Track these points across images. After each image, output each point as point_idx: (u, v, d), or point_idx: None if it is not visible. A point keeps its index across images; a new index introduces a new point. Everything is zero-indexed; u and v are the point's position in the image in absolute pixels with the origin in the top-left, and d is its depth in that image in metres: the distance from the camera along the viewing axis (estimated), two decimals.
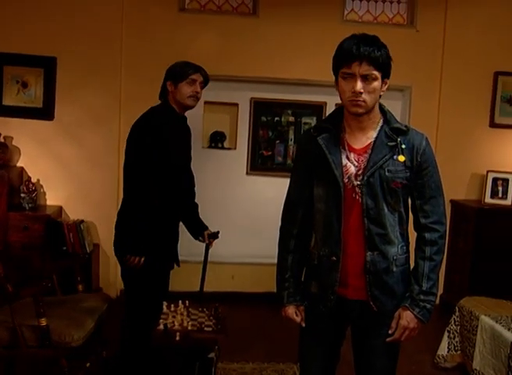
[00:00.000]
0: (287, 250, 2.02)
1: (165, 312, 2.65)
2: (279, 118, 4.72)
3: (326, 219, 1.91)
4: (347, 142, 1.91)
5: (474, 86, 4.61)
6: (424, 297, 1.90)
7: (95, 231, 4.44)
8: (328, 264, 1.92)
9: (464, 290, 4.24)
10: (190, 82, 2.78)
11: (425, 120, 4.58)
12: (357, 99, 1.80)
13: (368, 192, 1.85)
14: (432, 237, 1.91)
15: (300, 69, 4.40)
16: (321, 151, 1.89)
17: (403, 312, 1.91)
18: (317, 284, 1.97)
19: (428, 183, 1.91)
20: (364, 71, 1.78)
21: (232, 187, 4.72)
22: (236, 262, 4.62)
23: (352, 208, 1.87)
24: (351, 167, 1.88)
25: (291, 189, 2.04)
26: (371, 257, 1.88)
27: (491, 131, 4.67)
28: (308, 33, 4.40)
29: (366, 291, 1.90)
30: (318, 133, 1.93)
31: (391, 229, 1.88)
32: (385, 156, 1.85)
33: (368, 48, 1.77)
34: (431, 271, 1.90)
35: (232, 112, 4.71)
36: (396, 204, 1.88)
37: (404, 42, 4.51)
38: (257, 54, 4.44)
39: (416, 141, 1.90)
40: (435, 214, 1.92)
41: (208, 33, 4.42)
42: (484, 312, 3.16)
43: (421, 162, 1.88)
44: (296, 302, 2.01)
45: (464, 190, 4.69)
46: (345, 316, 1.98)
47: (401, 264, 1.92)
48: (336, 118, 1.95)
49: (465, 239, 4.43)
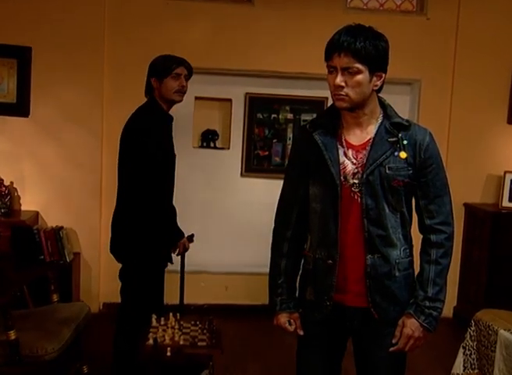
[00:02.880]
0: (280, 254, 2.06)
1: (155, 326, 2.68)
2: (277, 115, 4.76)
3: (322, 220, 1.96)
4: (345, 138, 1.96)
5: (490, 78, 4.66)
6: (430, 303, 1.93)
7: (76, 239, 4.47)
8: (324, 268, 1.96)
9: (480, 302, 4.29)
10: (174, 76, 2.94)
11: (436, 116, 4.64)
12: (339, 93, 1.86)
13: (368, 191, 1.90)
14: (438, 239, 1.96)
15: (299, 62, 4.45)
16: (317, 147, 1.94)
17: (408, 320, 1.94)
18: (312, 290, 2.01)
19: (433, 181, 1.95)
20: (344, 64, 1.83)
21: (226, 191, 4.76)
22: (230, 272, 4.66)
23: (350, 208, 1.92)
24: (349, 165, 1.93)
25: (285, 188, 2.09)
26: (371, 260, 1.92)
27: (509, 128, 4.72)
28: (308, 22, 4.45)
29: (366, 297, 1.94)
30: (314, 129, 1.98)
31: (393, 230, 1.93)
32: (385, 153, 1.90)
33: (348, 39, 1.82)
34: (437, 276, 1.94)
35: (226, 108, 4.75)
36: (397, 204, 1.93)
37: (413, 31, 4.57)
38: (253, 45, 4.49)
39: (419, 136, 1.94)
40: (441, 214, 1.96)
41: (198, 23, 4.47)
42: (503, 327, 3.18)
43: (424, 158, 1.93)
44: (289, 310, 2.05)
45: (479, 192, 4.74)
46: (344, 324, 2.01)
47: (404, 268, 1.96)
48: (334, 113, 2.00)
49: (480, 246, 4.48)
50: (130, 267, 2.93)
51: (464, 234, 4.70)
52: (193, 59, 4.40)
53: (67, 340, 2.79)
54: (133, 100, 4.37)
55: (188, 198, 4.65)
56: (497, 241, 4.35)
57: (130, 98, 4.38)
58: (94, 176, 4.43)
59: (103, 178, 4.46)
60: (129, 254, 2.92)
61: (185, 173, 4.65)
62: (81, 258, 4.48)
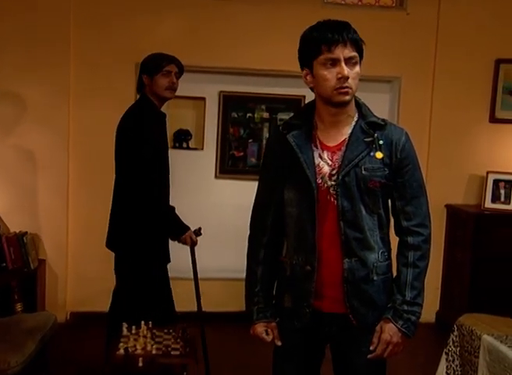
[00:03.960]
0: (256, 261, 2.07)
1: (126, 335, 2.68)
2: (252, 114, 4.78)
3: (299, 224, 1.98)
4: (319, 140, 1.99)
5: (472, 76, 4.73)
6: (408, 308, 1.97)
7: (41, 245, 4.43)
8: (303, 274, 1.98)
9: (463, 306, 4.36)
10: (165, 74, 3.14)
11: (417, 115, 4.70)
12: (345, 85, 1.88)
13: (344, 193, 1.92)
14: (416, 241, 1.99)
15: (275, 59, 4.47)
16: (292, 149, 1.96)
17: (386, 325, 1.97)
18: (290, 297, 2.03)
19: (409, 182, 1.99)
20: (349, 54, 1.87)
21: (199, 193, 4.76)
22: (205, 278, 4.61)
23: (327, 211, 1.95)
24: (325, 166, 1.96)
25: (259, 193, 2.11)
26: (348, 264, 1.94)
27: (491, 127, 4.80)
28: (285, 17, 4.48)
29: (344, 303, 1.96)
30: (287, 130, 2.00)
31: (370, 233, 1.96)
32: (361, 153, 1.93)
33: (346, 31, 1.88)
34: (415, 279, 1.98)
35: (199, 107, 4.76)
36: (374, 205, 1.96)
37: (393, 27, 4.63)
38: (227, 41, 4.50)
39: (395, 136, 1.98)
40: (418, 216, 2.00)
41: (169, 18, 4.47)
42: (486, 331, 3.22)
43: (400, 159, 1.97)
44: (266, 319, 2.06)
45: (462, 193, 4.81)
46: (322, 332, 2.03)
47: (382, 272, 1.99)
48: (307, 114, 2.03)
49: (463, 249, 4.55)
50: (126, 262, 3.13)
51: (446, 236, 4.77)
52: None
53: (32, 352, 2.77)
54: (102, 97, 4.42)
55: None
56: (480, 242, 4.42)
57: (100, 96, 4.44)
58: (59, 179, 4.40)
59: (70, 180, 4.43)
60: (126, 248, 3.14)
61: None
62: (47, 265, 4.44)
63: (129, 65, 4.40)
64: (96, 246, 4.49)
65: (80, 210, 4.49)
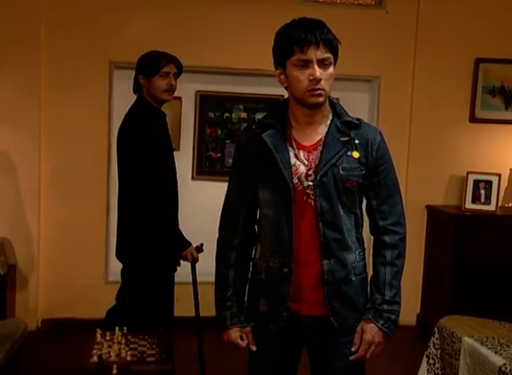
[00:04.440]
0: (227, 264, 2.07)
1: (100, 342, 2.66)
2: (230, 114, 4.78)
3: (275, 226, 1.98)
4: (295, 139, 2.00)
5: (452, 75, 4.79)
6: (388, 307, 1.99)
7: (11, 250, 4.37)
8: (279, 277, 1.98)
9: (444, 308, 4.40)
10: (163, 75, 3.05)
11: (396, 115, 4.74)
12: (317, 87, 1.89)
13: (322, 193, 1.94)
14: (392, 240, 2.02)
15: (253, 58, 4.47)
16: (267, 149, 1.96)
17: (367, 326, 1.99)
18: (266, 301, 2.03)
19: (385, 181, 2.02)
20: (321, 55, 1.88)
21: None
22: (181, 282, 4.60)
23: (304, 212, 1.96)
24: (301, 166, 1.97)
25: (230, 194, 2.10)
26: (328, 266, 1.96)
27: (471, 127, 4.86)
28: (262, 15, 4.48)
29: (325, 305, 1.97)
30: (261, 129, 2.00)
31: (348, 233, 1.98)
32: (338, 153, 1.95)
33: (321, 31, 1.88)
34: (393, 278, 2.01)
35: (175, 107, 4.73)
36: (352, 205, 1.98)
37: (372, 25, 4.66)
38: (204, 40, 4.50)
39: (370, 135, 2.01)
40: (394, 215, 2.04)
41: (143, 15, 4.45)
42: (467, 333, 3.26)
43: (376, 158, 1.99)
44: (240, 324, 2.05)
45: (442, 194, 4.86)
46: (299, 335, 2.04)
47: (359, 273, 2.02)
48: (280, 113, 2.04)
49: (443, 251, 4.59)
50: (133, 272, 3.10)
51: (427, 238, 4.81)
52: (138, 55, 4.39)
53: (1, 361, 2.74)
54: (75, 97, 4.39)
55: None
56: (460, 244, 4.46)
57: (72, 95, 4.41)
58: (30, 181, 4.36)
59: (41, 183, 4.39)
60: (132, 259, 3.09)
61: None
62: (17, 271, 4.39)
63: (103, 63, 4.39)
64: (69, 251, 4.48)
65: (53, 214, 4.44)
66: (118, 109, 4.53)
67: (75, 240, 4.47)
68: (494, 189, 4.65)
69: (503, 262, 4.47)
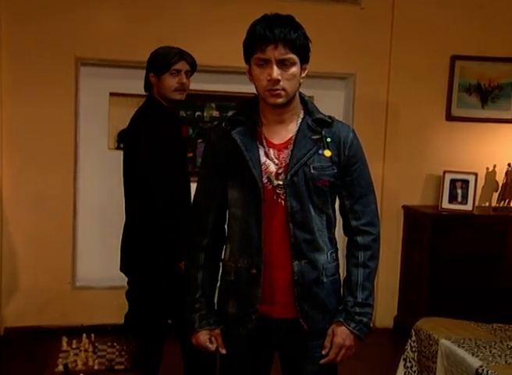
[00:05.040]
0: (196, 265, 2.07)
1: (66, 350, 2.63)
2: (201, 112, 4.77)
3: (244, 225, 1.99)
4: (265, 137, 2.00)
5: (428, 72, 4.83)
6: (360, 309, 2.00)
7: None
8: (248, 278, 1.99)
9: (422, 310, 4.43)
10: (174, 73, 2.91)
11: (372, 113, 4.77)
12: (275, 88, 1.89)
13: (292, 193, 1.94)
14: (365, 240, 2.04)
15: (225, 55, 4.44)
16: (236, 147, 1.96)
17: (338, 328, 2.00)
18: (235, 303, 2.04)
19: (358, 180, 2.04)
20: (281, 55, 1.87)
21: None
22: None
23: (274, 212, 1.96)
24: (271, 165, 1.97)
25: (199, 193, 2.10)
26: (298, 267, 1.96)
27: (448, 125, 4.91)
28: (235, 11, 4.47)
29: (294, 307, 1.98)
30: (231, 127, 2.00)
31: (319, 234, 1.99)
32: (309, 151, 1.96)
33: (283, 30, 1.87)
34: (366, 279, 2.02)
35: None
36: (323, 205, 1.99)
37: (347, 22, 4.68)
38: (174, 36, 4.43)
39: (342, 133, 2.02)
40: (367, 215, 2.05)
41: (110, 9, 4.40)
42: (444, 335, 3.30)
43: (348, 156, 2.00)
44: (209, 326, 2.05)
45: (418, 194, 4.90)
46: (270, 338, 2.05)
47: (331, 274, 2.03)
48: (251, 110, 2.04)
49: (420, 251, 4.64)
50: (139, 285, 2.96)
51: (404, 239, 4.85)
52: (106, 51, 4.40)
53: None
54: (38, 93, 4.33)
55: (105, 205, 4.58)
56: (437, 244, 4.51)
57: (36, 91, 4.34)
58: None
59: (4, 185, 4.32)
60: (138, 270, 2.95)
61: (100, 178, 4.59)
62: None
63: (68, 58, 4.33)
64: (34, 256, 4.42)
65: (17, 217, 4.38)
66: (85, 108, 4.50)
67: (40, 244, 4.41)
68: (471, 188, 4.70)
69: (480, 263, 4.53)
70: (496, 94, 4.91)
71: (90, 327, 3.24)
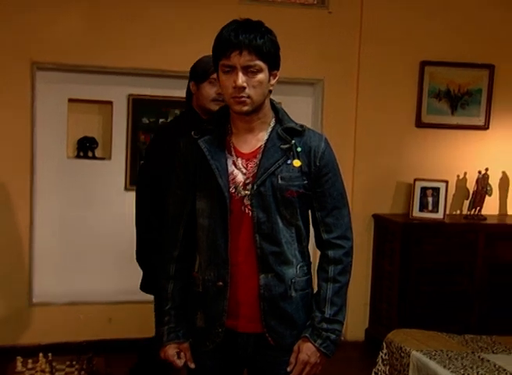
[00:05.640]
0: (167, 276, 2.07)
1: (20, 371, 2.58)
2: (165, 119, 4.74)
3: (211, 236, 1.99)
4: (234, 146, 2.01)
5: (397, 78, 4.88)
6: (327, 325, 2.00)
7: None
8: (215, 291, 1.99)
9: (393, 321, 4.47)
10: (212, 82, 2.86)
11: (341, 119, 4.80)
12: (240, 95, 1.89)
13: (259, 204, 1.94)
14: (336, 254, 2.03)
15: (189, 60, 4.32)
16: (203, 156, 1.97)
17: (303, 345, 2.00)
18: (202, 316, 2.03)
19: (330, 191, 2.03)
20: (246, 62, 1.88)
21: (108, 207, 4.67)
22: (114, 301, 4.56)
23: (241, 223, 1.96)
24: (239, 175, 1.98)
25: (169, 203, 2.10)
26: (264, 280, 1.96)
27: (418, 132, 4.96)
28: (199, 15, 4.47)
29: (261, 322, 1.98)
30: (200, 135, 2.01)
31: (287, 246, 1.98)
32: (277, 161, 1.96)
33: (248, 35, 1.87)
34: (335, 294, 2.01)
35: (105, 112, 4.67)
36: (292, 217, 1.99)
37: (314, 26, 4.71)
38: (136, 40, 4.44)
39: (313, 142, 2.02)
40: (339, 228, 2.05)
41: (70, 12, 4.35)
42: (415, 347, 3.33)
43: (320, 167, 2.00)
44: (178, 340, 2.05)
45: (389, 202, 4.94)
46: (238, 353, 2.04)
47: (301, 288, 2.02)
48: (222, 118, 2.05)
49: (391, 261, 4.67)
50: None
51: (374, 248, 4.88)
52: (64, 55, 4.35)
53: None
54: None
55: (62, 217, 4.51)
56: (408, 254, 4.54)
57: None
58: None
59: None
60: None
61: (58, 188, 4.52)
62: None
63: (23, 62, 4.26)
64: None
65: None
66: (42, 114, 4.43)
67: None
68: (441, 196, 4.74)
69: (451, 271, 4.58)
70: (466, 101, 4.98)
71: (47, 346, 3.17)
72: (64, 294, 4.38)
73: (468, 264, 4.59)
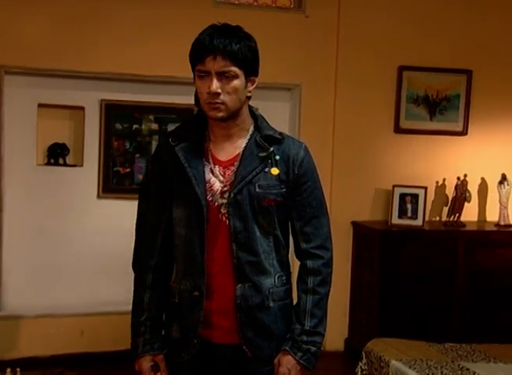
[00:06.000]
0: (144, 286, 2.06)
1: None
2: (139, 125, 4.73)
3: (187, 245, 1.99)
4: (212, 153, 2.01)
5: (375, 83, 4.91)
6: (307, 338, 2.00)
7: None
8: (190, 301, 1.98)
9: (373, 331, 4.48)
10: None
11: (319, 125, 4.82)
12: (215, 101, 1.90)
13: (236, 212, 1.95)
14: (315, 265, 2.04)
15: (163, 64, 4.45)
16: (180, 163, 1.97)
17: (284, 358, 2.00)
18: (178, 327, 2.03)
19: (308, 200, 2.04)
20: (220, 68, 1.88)
21: (79, 215, 4.64)
22: (86, 313, 4.52)
23: (218, 231, 1.96)
24: (216, 183, 1.98)
25: (147, 211, 2.10)
26: (241, 290, 1.96)
27: (396, 138, 4.99)
28: (173, 18, 4.47)
29: (237, 333, 1.97)
30: (177, 141, 2.00)
31: (265, 256, 1.98)
32: (255, 169, 1.96)
33: (223, 40, 1.87)
34: (315, 306, 2.01)
35: (77, 118, 4.64)
36: (269, 226, 1.99)
37: (291, 30, 4.73)
38: (109, 44, 4.42)
39: (292, 150, 2.02)
40: (318, 237, 2.05)
41: (36, 13, 4.30)
42: (395, 357, 3.36)
43: (298, 175, 2.01)
44: (153, 351, 2.04)
45: (368, 209, 4.96)
46: (215, 365, 2.03)
47: (279, 298, 2.02)
48: (200, 124, 2.04)
49: (370, 270, 4.68)
50: None
51: (353, 257, 4.89)
52: (33, 59, 4.31)
53: None
54: None
55: (32, 227, 4.47)
56: (388, 262, 4.56)
57: None
58: None
59: None
60: None
61: (27, 197, 4.48)
62: None
63: None
64: None
65: None
66: (11, 120, 4.39)
67: None
68: (421, 203, 4.77)
69: (431, 279, 4.60)
70: (444, 106, 5.03)
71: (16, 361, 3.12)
72: (34, 306, 4.33)
73: (448, 272, 4.62)
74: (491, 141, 5.14)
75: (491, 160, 5.13)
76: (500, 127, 5.16)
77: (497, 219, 5.00)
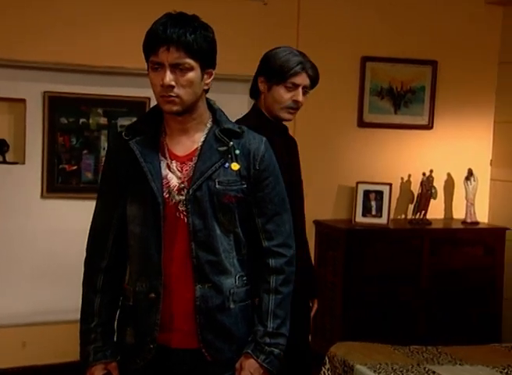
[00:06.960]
0: (94, 289, 2.06)
1: None
2: (86, 119, 4.69)
3: (142, 245, 2.00)
4: (168, 148, 2.03)
5: (338, 75, 4.93)
6: (270, 340, 2.03)
7: None
8: (146, 303, 1.99)
9: (337, 334, 4.55)
10: (290, 87, 2.70)
11: None
12: (169, 94, 1.92)
13: (195, 210, 1.96)
14: (278, 263, 2.07)
15: (113, 53, 4.41)
16: (135, 158, 1.98)
17: (246, 361, 2.02)
18: (132, 331, 2.03)
19: (270, 196, 2.07)
20: (174, 59, 1.90)
21: (21, 217, 4.58)
22: (28, 323, 4.47)
23: (176, 230, 1.98)
24: (173, 179, 2.00)
25: (98, 209, 2.11)
26: (201, 291, 1.98)
27: (360, 132, 5.06)
28: (124, 7, 4.44)
29: (197, 336, 1.99)
30: (131, 136, 2.02)
31: (225, 255, 2.01)
32: (214, 164, 1.98)
33: (177, 30, 1.88)
34: (277, 307, 2.05)
35: (17, 111, 4.59)
36: (230, 223, 2.02)
37: (250, 18, 4.74)
38: (54, 31, 4.36)
39: (253, 145, 2.05)
40: (281, 235, 2.09)
41: None
42: (359, 361, 3.41)
43: (259, 170, 2.04)
44: (106, 359, 2.04)
45: (331, 207, 5.01)
46: (172, 371, 2.04)
47: (240, 299, 2.05)
48: (155, 118, 2.06)
49: (334, 270, 4.74)
50: None
51: (316, 257, 4.92)
52: None
53: None
54: None
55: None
56: (352, 262, 4.62)
57: None
58: None
59: None
60: None
61: None
62: None
63: None
64: None
65: None
66: None
67: None
68: (385, 200, 4.85)
69: (397, 280, 4.69)
70: (409, 99, 5.11)
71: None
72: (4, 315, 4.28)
73: (413, 271, 4.72)
74: (457, 135, 5.26)
75: (457, 155, 5.24)
76: (466, 121, 5.28)
77: (464, 216, 5.11)
